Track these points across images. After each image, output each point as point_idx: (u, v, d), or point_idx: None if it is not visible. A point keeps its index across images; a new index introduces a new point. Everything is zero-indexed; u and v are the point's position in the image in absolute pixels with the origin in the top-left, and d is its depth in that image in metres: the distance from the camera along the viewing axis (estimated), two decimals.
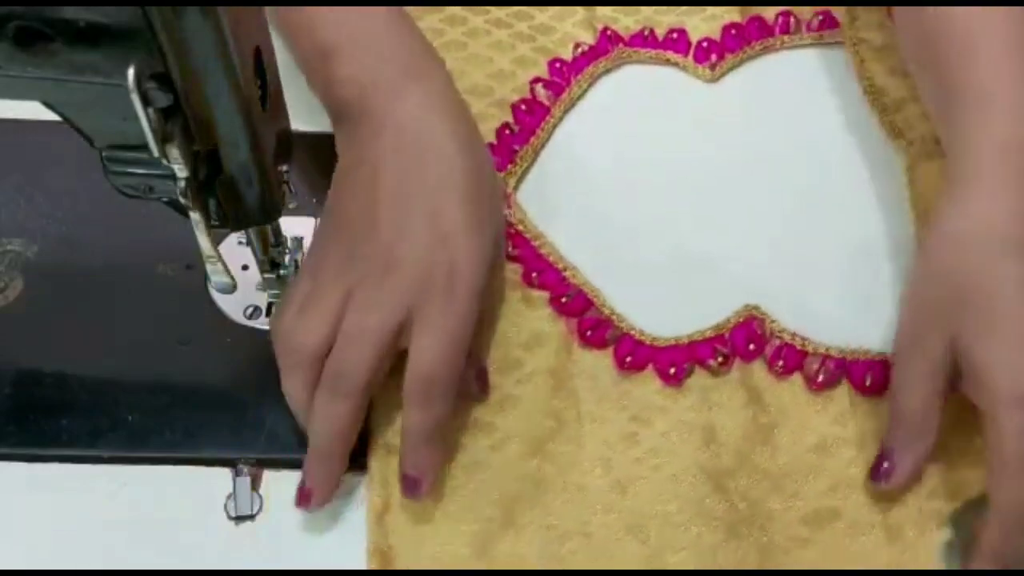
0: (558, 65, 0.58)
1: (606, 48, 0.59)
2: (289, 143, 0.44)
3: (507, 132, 0.55)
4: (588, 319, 0.50)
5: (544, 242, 0.52)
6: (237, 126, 0.38)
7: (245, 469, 0.46)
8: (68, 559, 0.44)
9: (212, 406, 0.48)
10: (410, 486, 0.44)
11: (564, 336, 0.50)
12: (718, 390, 0.48)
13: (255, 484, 0.46)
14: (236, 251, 0.50)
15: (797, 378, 0.49)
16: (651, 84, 0.58)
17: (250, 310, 0.50)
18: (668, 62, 0.59)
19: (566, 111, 0.57)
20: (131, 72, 0.33)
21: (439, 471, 0.45)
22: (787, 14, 0.60)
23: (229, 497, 0.45)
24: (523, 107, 0.56)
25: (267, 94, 0.40)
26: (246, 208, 0.42)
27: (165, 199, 0.41)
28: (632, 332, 0.50)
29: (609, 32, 0.59)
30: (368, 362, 0.43)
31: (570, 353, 0.49)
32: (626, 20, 0.60)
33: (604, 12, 0.60)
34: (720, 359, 0.49)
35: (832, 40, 0.60)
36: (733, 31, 0.59)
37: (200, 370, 0.49)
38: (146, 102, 0.34)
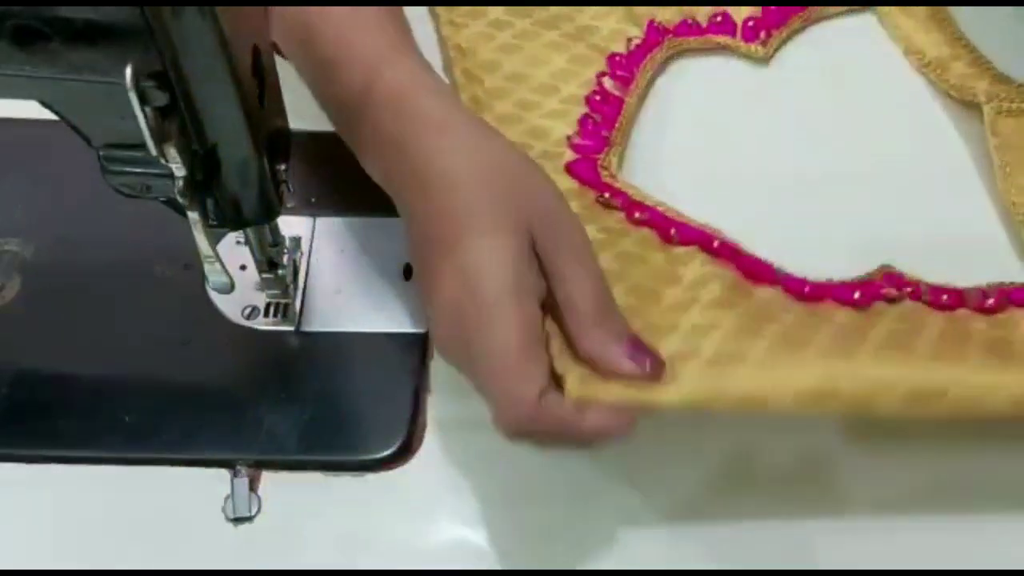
0: (617, 59, 0.58)
1: (656, 39, 0.59)
2: (288, 143, 0.44)
3: (591, 122, 0.55)
4: (748, 258, 0.48)
5: (666, 206, 0.51)
6: (235, 125, 0.38)
7: (243, 470, 0.46)
8: (66, 559, 0.44)
9: (210, 407, 0.47)
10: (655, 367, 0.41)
11: (733, 276, 0.47)
12: (907, 313, 0.47)
13: (253, 485, 0.46)
14: (234, 251, 0.49)
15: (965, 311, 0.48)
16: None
17: (248, 310, 0.50)
18: (720, 46, 0.60)
19: (640, 100, 0.57)
20: (129, 71, 0.33)
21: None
22: None
23: (227, 498, 0.45)
24: (597, 98, 0.56)
25: (265, 93, 0.40)
26: (244, 208, 0.42)
27: (163, 199, 0.41)
28: (792, 272, 0.48)
29: (656, 23, 0.59)
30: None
31: (740, 290, 0.46)
32: (664, 14, 0.60)
33: (641, 9, 0.60)
34: (892, 290, 0.48)
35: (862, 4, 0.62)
36: (774, 6, 0.61)
37: (198, 370, 0.49)
38: (144, 101, 0.34)
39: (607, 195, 0.50)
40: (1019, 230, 0.53)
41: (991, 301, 0.48)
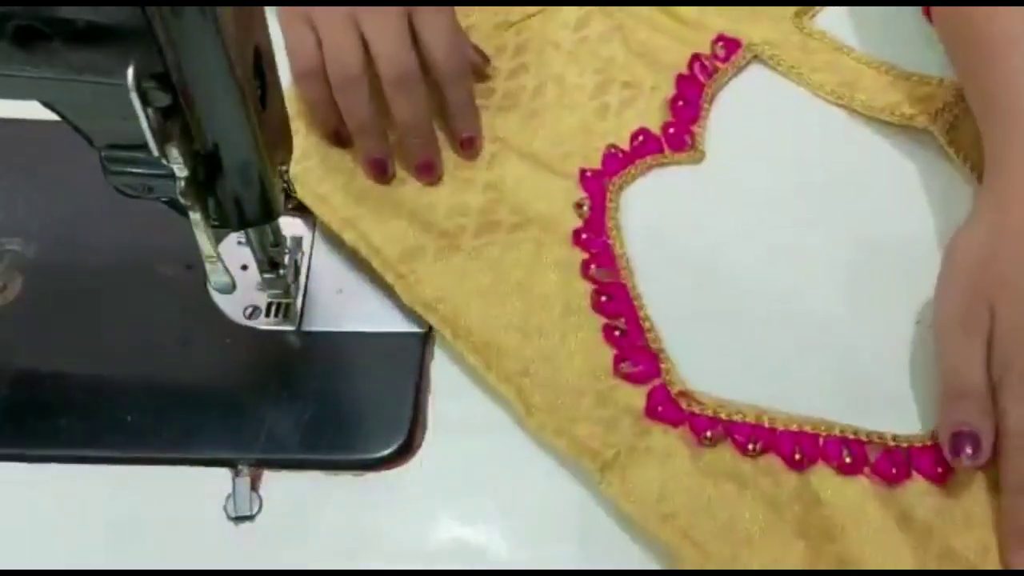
0: (584, 236, 0.53)
1: (599, 192, 0.54)
2: (289, 143, 0.44)
3: (617, 335, 0.50)
4: (879, 460, 0.46)
5: (764, 413, 0.47)
6: (237, 126, 0.38)
7: (244, 469, 0.46)
8: (67, 559, 0.44)
9: (211, 406, 0.48)
10: (467, 144, 0.54)
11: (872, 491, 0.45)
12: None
13: (254, 484, 0.46)
14: (235, 251, 0.50)
15: None
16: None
17: (249, 310, 0.50)
18: (653, 166, 0.56)
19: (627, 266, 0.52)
20: (130, 71, 0.33)
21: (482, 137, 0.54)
22: (696, 58, 0.59)
23: (228, 497, 0.45)
24: (603, 299, 0.50)
25: (267, 94, 0.40)
26: (246, 208, 0.42)
27: (164, 199, 0.41)
28: (913, 442, 0.46)
29: (588, 173, 0.55)
30: (409, 46, 0.51)
31: (887, 498, 0.45)
32: (582, 154, 0.56)
33: (565, 164, 0.55)
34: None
35: (745, 62, 0.60)
36: (680, 102, 0.58)
37: (199, 370, 0.49)
38: (145, 101, 0.34)
39: (709, 433, 0.46)
40: None
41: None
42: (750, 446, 0.46)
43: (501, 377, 0.48)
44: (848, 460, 0.46)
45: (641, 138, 0.56)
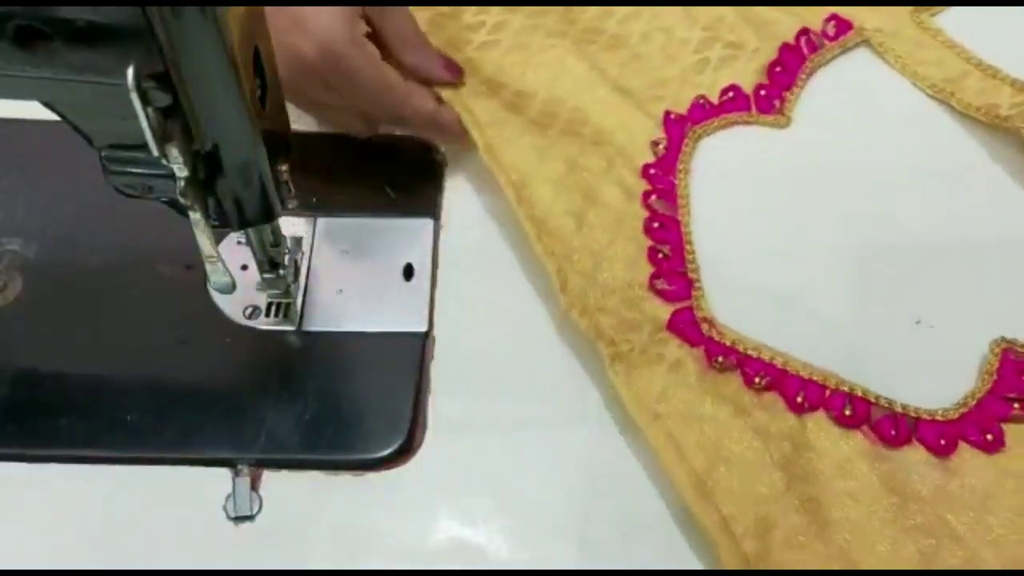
0: (652, 171, 0.56)
1: (678, 135, 0.57)
2: (289, 143, 0.44)
3: (661, 258, 0.52)
4: (880, 420, 0.47)
5: (779, 355, 0.49)
6: (237, 126, 0.38)
7: (244, 469, 0.46)
8: (67, 559, 0.44)
9: (211, 406, 0.48)
10: (451, 67, 0.56)
11: (866, 447, 0.46)
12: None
13: (254, 484, 0.46)
14: (235, 251, 0.50)
15: None
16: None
17: (249, 310, 0.50)
18: (738, 123, 0.59)
19: (688, 211, 0.55)
20: (130, 72, 0.33)
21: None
22: (805, 32, 0.61)
23: (228, 497, 0.45)
24: (656, 225, 0.54)
25: (267, 94, 0.40)
26: (245, 208, 0.42)
27: (164, 199, 0.41)
28: (921, 414, 0.47)
29: (672, 116, 0.58)
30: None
31: (881, 459, 0.46)
32: (675, 97, 0.59)
33: (649, 98, 0.58)
34: (1019, 407, 0.47)
35: (853, 43, 0.62)
36: (778, 68, 0.60)
37: (199, 370, 0.49)
38: (145, 101, 0.34)
39: (721, 358, 0.48)
40: None
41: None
42: (757, 379, 0.48)
43: (547, 251, 0.51)
44: (848, 413, 0.47)
45: (731, 94, 0.59)
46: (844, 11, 0.62)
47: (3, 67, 0.35)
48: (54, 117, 0.38)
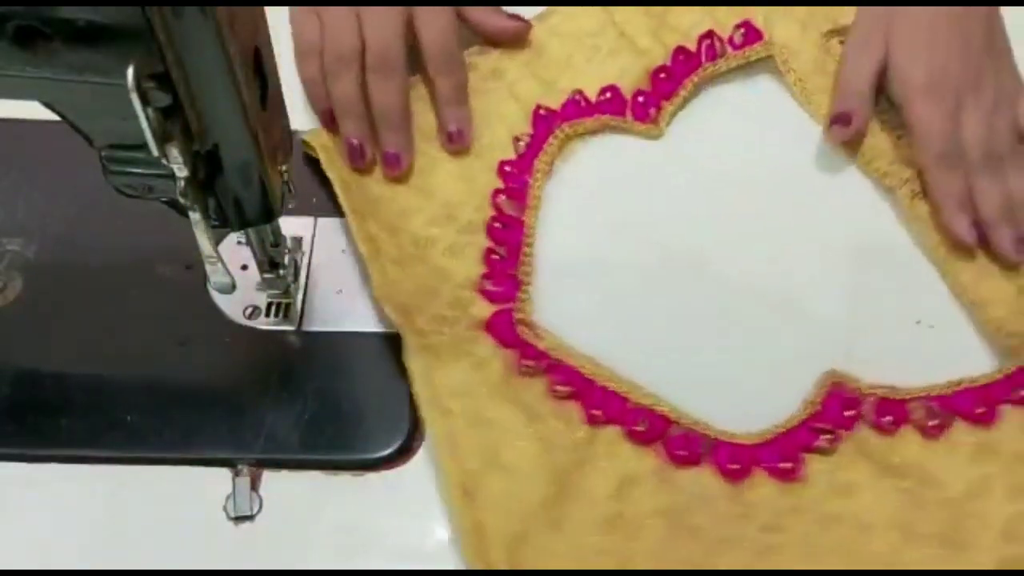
0: (507, 168, 0.54)
1: (545, 131, 0.55)
2: (289, 143, 0.44)
3: (496, 259, 0.51)
4: (675, 439, 0.46)
5: (589, 364, 0.48)
6: (237, 126, 0.38)
7: (244, 469, 0.46)
8: (67, 559, 0.44)
9: (211, 406, 0.48)
10: (455, 137, 0.54)
11: (657, 466, 0.45)
12: (842, 470, 0.45)
13: (254, 484, 0.46)
14: (235, 251, 0.50)
15: (909, 431, 0.47)
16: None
17: (249, 310, 0.50)
18: (611, 127, 0.56)
19: (536, 211, 0.53)
20: (130, 72, 0.33)
21: (471, 128, 0.55)
22: (710, 35, 0.57)
23: (228, 497, 0.45)
24: (497, 225, 0.53)
25: (267, 94, 0.40)
26: (246, 208, 0.42)
27: (164, 199, 0.41)
28: (721, 436, 0.46)
29: (542, 110, 0.55)
30: (400, 37, 0.52)
31: (664, 482, 0.45)
32: (550, 92, 0.56)
33: (524, 89, 0.56)
34: (828, 437, 0.46)
35: (756, 56, 0.58)
36: (663, 75, 0.57)
37: (199, 370, 0.49)
38: (145, 102, 0.34)
39: (530, 362, 0.47)
40: (946, 269, 0.52)
41: (935, 422, 0.46)
42: (558, 387, 0.47)
43: (365, 236, 0.49)
44: (642, 429, 0.46)
45: (609, 95, 0.56)
46: (759, 21, 0.58)
47: (3, 67, 0.35)
48: (54, 117, 0.38)
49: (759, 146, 0.57)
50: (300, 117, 0.55)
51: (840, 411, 0.47)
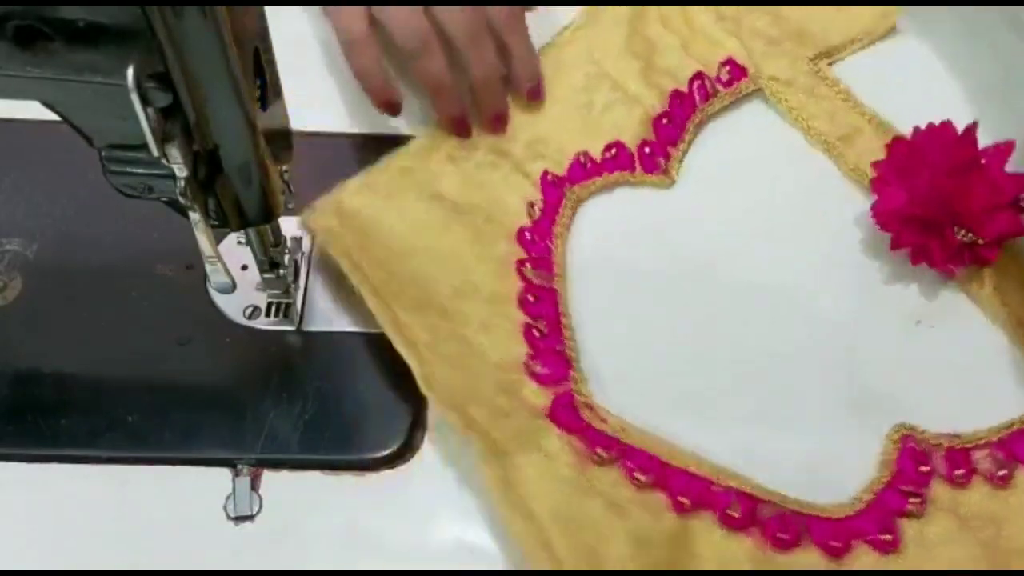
0: (528, 236, 0.52)
1: (556, 197, 0.54)
2: (289, 143, 0.44)
3: (537, 335, 0.49)
4: (770, 520, 0.44)
5: (665, 445, 0.46)
6: (237, 126, 0.38)
7: (244, 469, 0.46)
8: (67, 559, 0.44)
9: (211, 406, 0.48)
10: (533, 94, 0.56)
11: (754, 550, 0.44)
12: (930, 526, 0.45)
13: (254, 484, 0.46)
14: (235, 251, 0.49)
15: (980, 481, 0.46)
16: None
17: (249, 310, 0.50)
18: (620, 183, 0.55)
19: (564, 278, 0.52)
20: (130, 72, 0.33)
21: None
22: (699, 77, 0.57)
23: (228, 497, 0.45)
24: (531, 298, 0.50)
25: (267, 94, 0.40)
26: (246, 208, 0.42)
27: (164, 199, 0.41)
28: (812, 511, 0.44)
29: (549, 176, 0.54)
30: (472, 9, 0.52)
31: (765, 565, 0.43)
32: (549, 157, 0.55)
33: (526, 158, 0.55)
34: (916, 500, 0.45)
35: (747, 91, 0.57)
36: (665, 121, 0.56)
37: (199, 370, 0.49)
38: (145, 102, 0.34)
39: (600, 451, 0.45)
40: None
41: (1003, 472, 0.46)
42: (638, 475, 0.45)
43: (407, 341, 0.47)
44: (734, 514, 0.44)
45: (614, 151, 0.55)
46: (741, 55, 0.57)
47: (3, 67, 0.35)
48: (54, 117, 0.38)
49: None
50: (300, 117, 0.55)
51: (915, 468, 0.46)
